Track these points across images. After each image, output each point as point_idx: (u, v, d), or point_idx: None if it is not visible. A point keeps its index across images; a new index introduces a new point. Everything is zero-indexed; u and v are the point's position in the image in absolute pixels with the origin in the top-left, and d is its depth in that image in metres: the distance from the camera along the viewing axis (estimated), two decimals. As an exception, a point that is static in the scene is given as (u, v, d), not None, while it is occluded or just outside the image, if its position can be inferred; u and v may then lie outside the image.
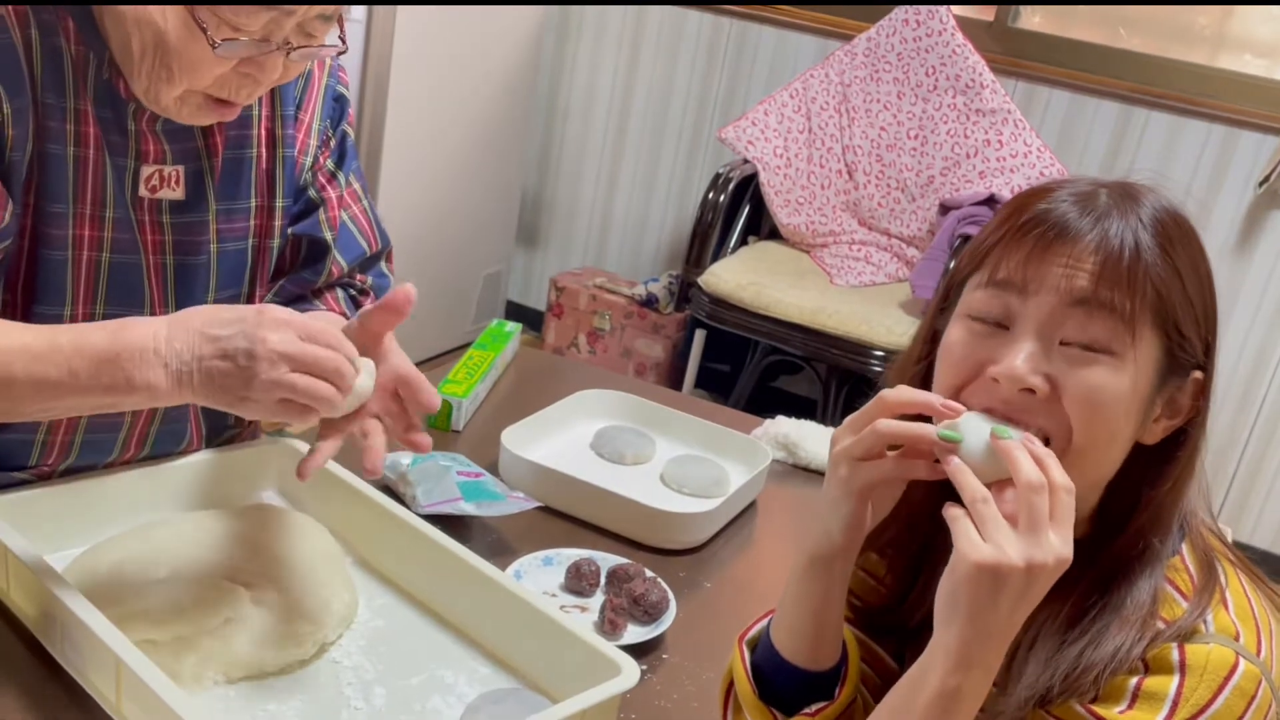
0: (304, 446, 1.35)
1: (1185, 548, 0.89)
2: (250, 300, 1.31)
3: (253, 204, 1.28)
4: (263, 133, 1.27)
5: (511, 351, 1.88)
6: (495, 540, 1.39)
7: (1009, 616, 0.78)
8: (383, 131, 3.14)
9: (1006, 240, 0.86)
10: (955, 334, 0.88)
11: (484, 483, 1.42)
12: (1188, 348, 0.86)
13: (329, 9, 1.09)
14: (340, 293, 1.39)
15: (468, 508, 1.36)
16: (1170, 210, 0.86)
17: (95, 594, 1.05)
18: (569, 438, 1.65)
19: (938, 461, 0.84)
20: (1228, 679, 0.80)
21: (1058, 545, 0.77)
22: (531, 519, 1.42)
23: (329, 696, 1.09)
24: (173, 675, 0.98)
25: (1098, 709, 0.82)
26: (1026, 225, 0.85)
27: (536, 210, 4.09)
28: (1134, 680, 0.82)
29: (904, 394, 0.86)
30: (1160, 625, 0.83)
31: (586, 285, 3.70)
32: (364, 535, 1.28)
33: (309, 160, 1.32)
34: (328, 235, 1.35)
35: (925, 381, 0.92)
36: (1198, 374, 0.87)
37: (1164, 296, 0.83)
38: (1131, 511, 0.87)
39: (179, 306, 1.24)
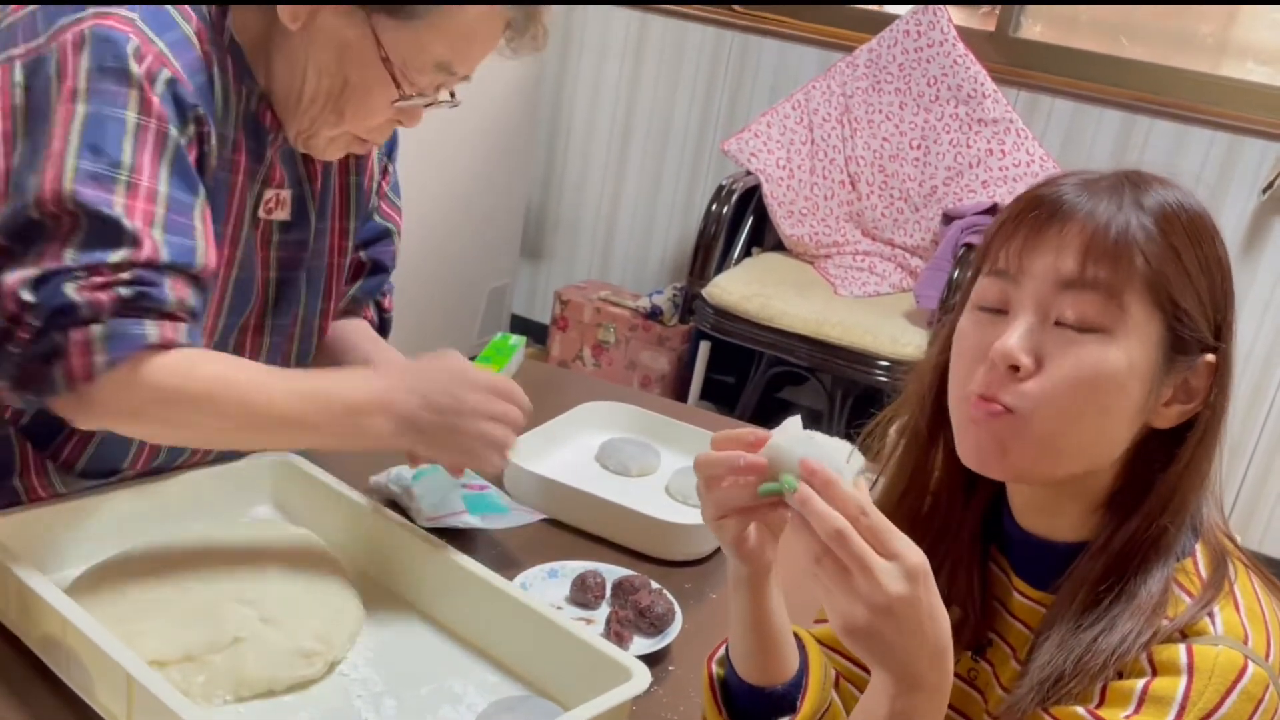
0: (298, 460, 1.36)
1: (1199, 549, 0.88)
2: (325, 314, 1.41)
3: (333, 225, 1.37)
4: (340, 162, 1.35)
5: (516, 364, 1.88)
6: (500, 553, 1.39)
7: (909, 646, 0.77)
8: (387, 147, 3.15)
9: (1006, 228, 0.88)
10: (963, 324, 0.91)
11: (489, 495, 1.43)
12: (1190, 325, 0.85)
13: (473, 71, 1.24)
14: (372, 305, 1.52)
15: (472, 520, 1.36)
16: (1179, 200, 0.87)
17: (98, 614, 1.05)
18: (574, 450, 1.66)
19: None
20: (1236, 682, 0.80)
21: (894, 570, 0.76)
22: (536, 531, 1.42)
23: (340, 710, 1.09)
24: (182, 694, 0.98)
25: (1103, 713, 0.81)
26: (1024, 210, 0.87)
27: (541, 224, 4.10)
28: (1141, 683, 0.81)
29: (714, 458, 0.86)
30: (1164, 622, 0.83)
31: (591, 298, 3.71)
32: (367, 547, 1.29)
33: (374, 186, 1.43)
34: (392, 262, 1.49)
35: (943, 377, 0.93)
36: (1209, 357, 0.87)
37: (1156, 269, 0.84)
38: (1144, 494, 0.87)
39: (275, 319, 1.34)
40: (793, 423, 0.85)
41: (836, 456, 0.82)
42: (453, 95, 1.28)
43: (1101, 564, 0.86)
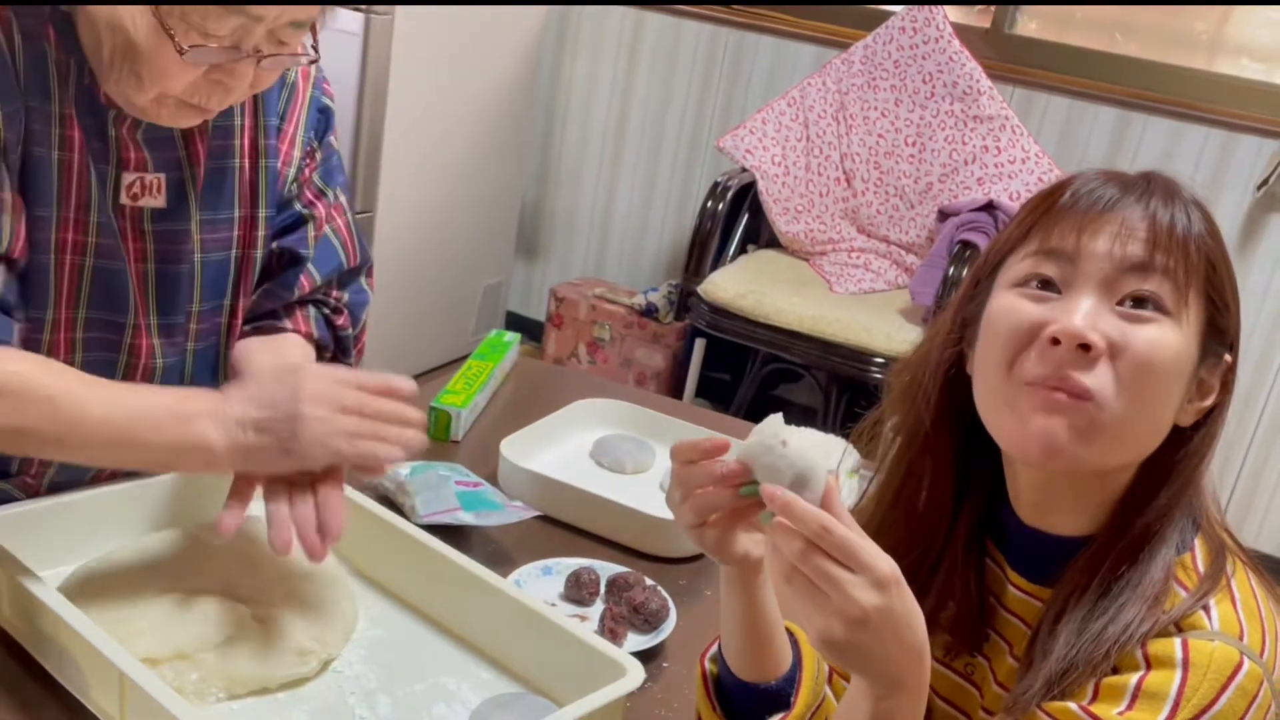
0: None
1: (1198, 543, 0.88)
2: (234, 311, 1.31)
3: (236, 214, 1.28)
4: (245, 143, 1.26)
5: (510, 361, 1.89)
6: (494, 550, 1.39)
7: (887, 653, 0.77)
8: (381, 143, 3.14)
9: (1054, 214, 0.87)
10: (1003, 303, 0.88)
11: (483, 492, 1.42)
12: (1227, 322, 0.88)
13: (300, 15, 1.08)
14: (312, 310, 1.38)
15: (466, 517, 1.36)
16: (1204, 202, 0.89)
17: (91, 611, 1.05)
18: (568, 447, 1.65)
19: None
20: (1231, 678, 0.79)
21: (864, 583, 0.76)
22: (531, 528, 1.42)
23: (334, 708, 1.09)
24: (175, 692, 0.98)
25: (1096, 710, 0.81)
26: (1073, 199, 0.87)
27: (536, 221, 4.10)
28: (1134, 678, 0.81)
29: (693, 472, 0.86)
30: (1162, 616, 0.83)
31: (586, 295, 3.71)
32: (360, 545, 1.28)
33: (292, 171, 1.32)
34: (308, 251, 1.35)
35: (957, 373, 0.93)
36: (1228, 357, 0.89)
37: (1214, 266, 0.86)
38: (1159, 490, 0.87)
39: (162, 314, 1.25)
40: (771, 423, 0.84)
41: (813, 457, 0.81)
42: (315, 50, 1.15)
43: (1112, 555, 0.86)
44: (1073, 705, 0.82)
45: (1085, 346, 0.82)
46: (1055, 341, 0.83)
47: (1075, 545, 0.89)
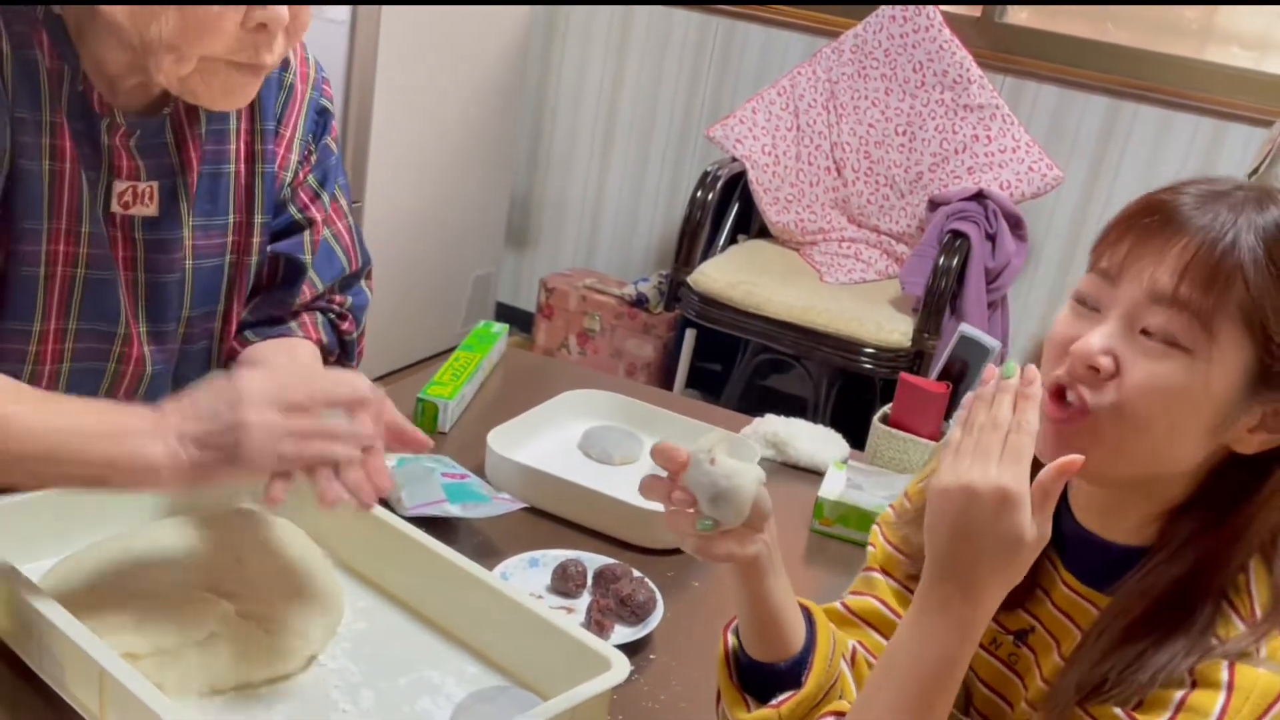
0: None
1: (1254, 567, 0.86)
2: (226, 318, 1.30)
3: (230, 220, 1.26)
4: (241, 148, 1.25)
5: (498, 352, 1.88)
6: (481, 542, 1.38)
7: (948, 538, 0.82)
8: (369, 134, 3.13)
9: (1118, 228, 0.88)
10: (1061, 313, 0.91)
11: (470, 484, 1.42)
12: (1275, 361, 0.82)
13: None
14: (319, 316, 1.38)
15: (453, 509, 1.35)
16: None
17: (73, 605, 1.04)
18: (556, 438, 1.65)
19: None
20: (1272, 705, 0.79)
21: (995, 474, 0.81)
22: (518, 520, 1.41)
23: (316, 701, 1.08)
24: (156, 688, 0.97)
25: (1139, 716, 0.82)
26: (1138, 213, 0.87)
27: (525, 211, 4.09)
28: (1179, 694, 0.81)
29: (660, 461, 0.93)
30: (1213, 641, 0.82)
31: (576, 286, 3.70)
32: (346, 537, 1.27)
33: (289, 175, 1.30)
34: (307, 257, 1.34)
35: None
36: None
37: (1254, 297, 0.81)
38: (1224, 520, 0.86)
39: (151, 323, 1.23)
40: (710, 435, 0.92)
41: (740, 483, 0.90)
42: None
43: (1166, 580, 0.86)
44: (1117, 710, 0.83)
45: (1094, 368, 0.85)
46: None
47: (1125, 554, 0.89)
